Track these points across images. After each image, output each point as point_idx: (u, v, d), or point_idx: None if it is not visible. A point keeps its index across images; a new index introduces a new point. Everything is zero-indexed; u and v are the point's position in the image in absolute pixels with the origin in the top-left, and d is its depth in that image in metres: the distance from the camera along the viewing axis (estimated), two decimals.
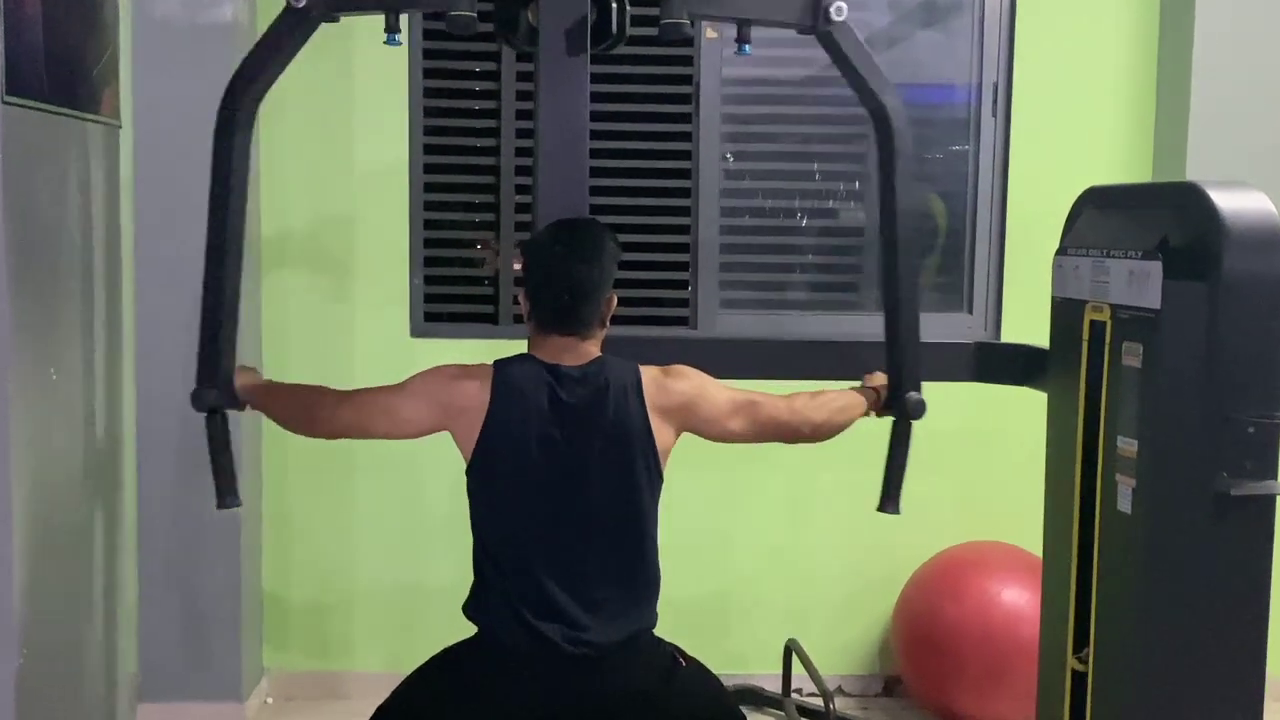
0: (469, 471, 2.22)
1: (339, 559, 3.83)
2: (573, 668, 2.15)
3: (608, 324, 2.31)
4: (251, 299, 3.62)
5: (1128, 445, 2.21)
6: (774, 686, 3.74)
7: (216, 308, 2.38)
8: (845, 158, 3.98)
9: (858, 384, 2.61)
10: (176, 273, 3.26)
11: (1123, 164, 3.83)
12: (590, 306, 2.24)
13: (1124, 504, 2.22)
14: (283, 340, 3.75)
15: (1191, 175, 3.58)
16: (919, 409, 2.58)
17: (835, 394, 2.51)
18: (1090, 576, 2.34)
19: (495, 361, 2.24)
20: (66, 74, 2.47)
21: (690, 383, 2.29)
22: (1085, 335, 2.37)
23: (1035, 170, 3.85)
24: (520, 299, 2.30)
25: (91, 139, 2.61)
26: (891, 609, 3.79)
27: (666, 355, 2.39)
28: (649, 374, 2.26)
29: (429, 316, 3.84)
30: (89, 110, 2.57)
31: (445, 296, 3.86)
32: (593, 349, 2.27)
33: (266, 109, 3.60)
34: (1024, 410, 2.87)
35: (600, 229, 2.32)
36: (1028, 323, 3.32)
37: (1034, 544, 3.53)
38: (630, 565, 2.23)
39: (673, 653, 2.29)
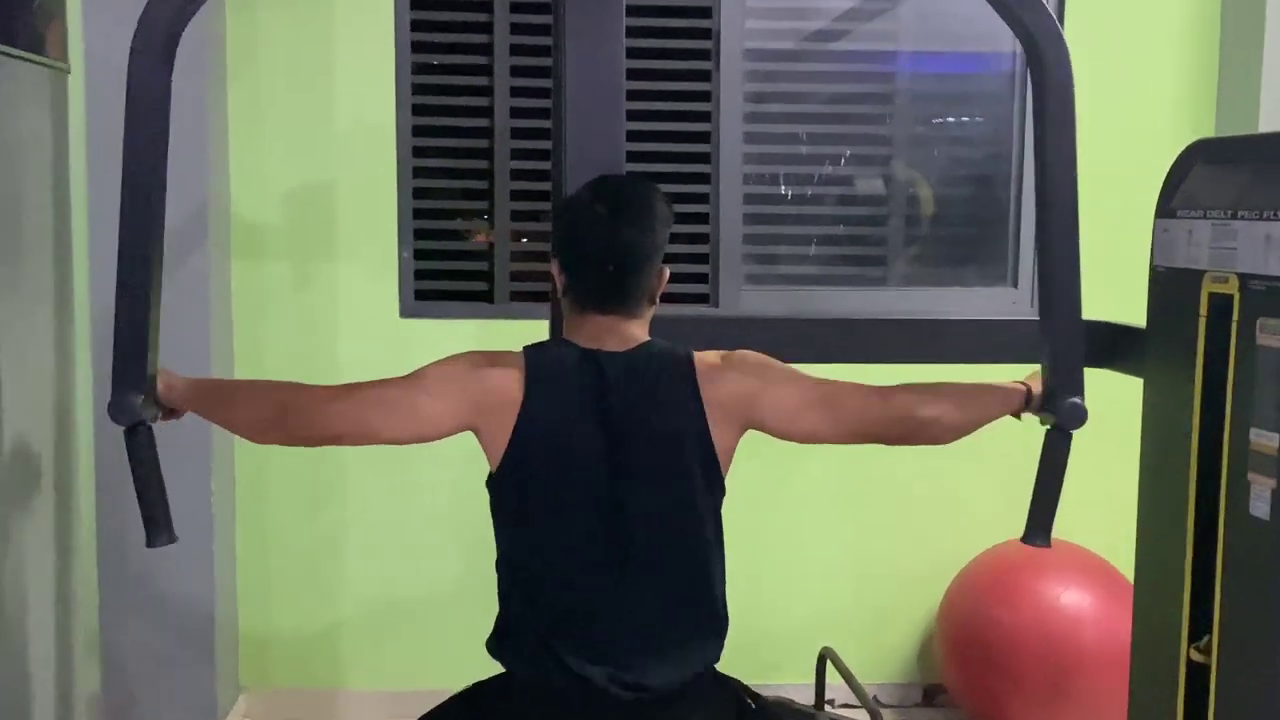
0: (494, 480, 1.91)
1: (323, 565, 3.67)
2: (624, 715, 1.85)
3: (658, 301, 2.00)
4: (221, 276, 3.46)
5: (1266, 440, 1.92)
6: (805, 697, 3.48)
7: (144, 287, 1.96)
8: (876, 118, 3.84)
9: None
10: None
11: (1182, 121, 3.65)
12: (639, 279, 1.93)
13: (1260, 508, 1.93)
14: (257, 322, 3.57)
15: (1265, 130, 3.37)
16: (1073, 417, 2.09)
17: (959, 385, 2.07)
18: (1209, 592, 2.04)
19: (525, 348, 1.93)
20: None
21: (753, 371, 1.96)
22: (1203, 310, 2.08)
23: (1082, 131, 3.61)
24: (554, 271, 1.97)
25: (35, 84, 2.42)
26: (931, 613, 3.67)
27: (686, 335, 2.10)
28: (705, 361, 1.94)
29: (420, 295, 3.67)
30: (31, 51, 2.26)
31: (437, 272, 3.69)
32: (639, 332, 1.96)
33: (236, 62, 3.49)
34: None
35: (649, 188, 2.00)
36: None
37: (1094, 542, 3.39)
38: (690, 592, 1.91)
39: (738, 691, 1.99)
